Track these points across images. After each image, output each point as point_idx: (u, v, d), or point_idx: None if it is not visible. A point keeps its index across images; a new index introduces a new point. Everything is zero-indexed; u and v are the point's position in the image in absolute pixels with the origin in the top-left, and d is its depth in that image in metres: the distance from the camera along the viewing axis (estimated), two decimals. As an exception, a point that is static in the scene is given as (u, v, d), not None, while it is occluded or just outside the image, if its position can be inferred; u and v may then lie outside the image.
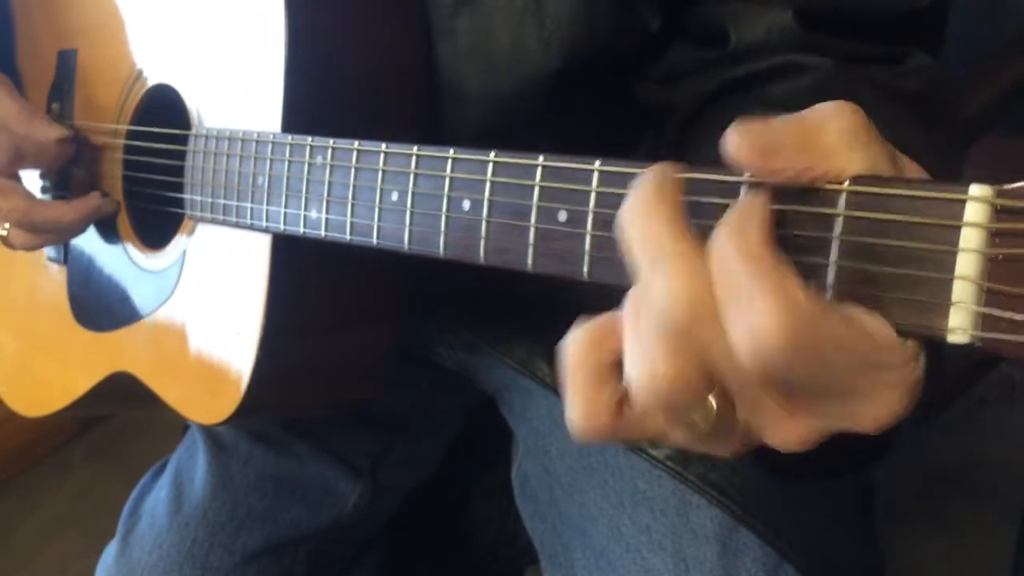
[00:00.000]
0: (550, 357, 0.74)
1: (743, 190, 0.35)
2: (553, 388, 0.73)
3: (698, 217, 0.37)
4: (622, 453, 0.70)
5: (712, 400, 0.35)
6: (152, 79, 0.74)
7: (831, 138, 0.33)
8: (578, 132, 0.67)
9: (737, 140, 0.34)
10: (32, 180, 0.84)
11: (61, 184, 0.83)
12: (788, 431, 0.35)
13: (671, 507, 0.66)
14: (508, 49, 0.61)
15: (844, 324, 0.32)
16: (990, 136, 0.94)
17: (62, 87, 0.84)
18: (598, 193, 0.40)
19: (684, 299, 0.33)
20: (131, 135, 0.76)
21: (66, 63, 0.83)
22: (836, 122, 0.33)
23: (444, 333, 0.82)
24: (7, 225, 0.75)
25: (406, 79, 0.64)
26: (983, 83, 0.95)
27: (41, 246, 0.80)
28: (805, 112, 0.34)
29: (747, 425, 0.36)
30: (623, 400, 0.36)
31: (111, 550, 0.81)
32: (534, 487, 0.77)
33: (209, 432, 0.82)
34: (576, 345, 0.37)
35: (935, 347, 0.33)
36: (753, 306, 0.31)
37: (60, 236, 0.79)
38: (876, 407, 0.33)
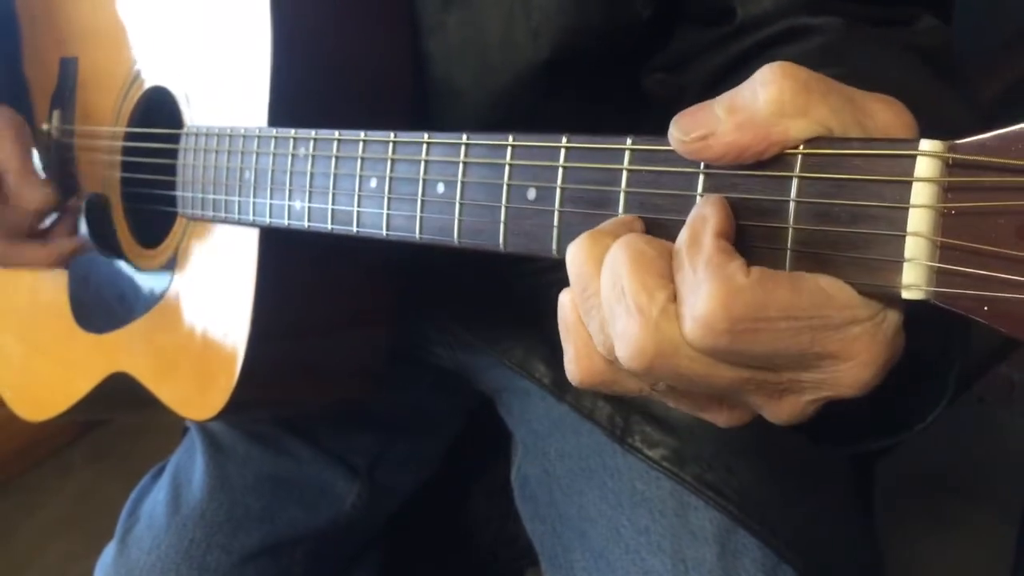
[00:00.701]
0: (548, 358, 0.74)
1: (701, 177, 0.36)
2: (551, 389, 0.73)
3: (661, 188, 0.37)
4: (620, 454, 0.69)
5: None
6: (148, 82, 0.76)
7: (764, 111, 0.33)
8: (573, 123, 0.67)
9: (674, 133, 0.35)
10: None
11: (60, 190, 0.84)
12: (780, 412, 0.36)
13: (669, 508, 0.65)
14: (498, 42, 0.62)
15: (793, 292, 0.32)
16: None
17: (63, 94, 0.85)
18: (565, 169, 0.41)
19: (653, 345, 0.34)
20: (127, 137, 0.77)
21: (67, 70, 0.85)
22: (766, 92, 0.33)
23: (443, 334, 0.82)
24: None
25: (396, 75, 0.65)
26: (983, 80, 0.94)
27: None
28: (739, 87, 0.34)
29: (733, 403, 0.37)
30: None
31: (109, 551, 0.81)
32: (533, 488, 0.77)
33: (207, 433, 0.82)
34: (569, 295, 0.38)
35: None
36: (696, 297, 0.32)
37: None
38: (852, 366, 0.33)
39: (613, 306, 0.35)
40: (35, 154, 0.81)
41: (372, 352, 0.70)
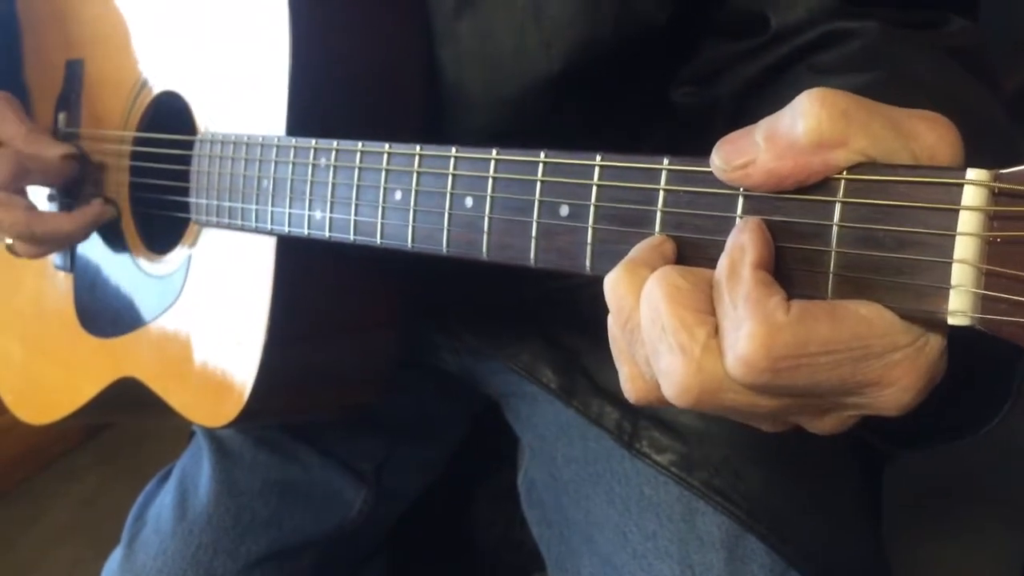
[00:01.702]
0: (555, 363, 0.74)
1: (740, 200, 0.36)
2: (558, 394, 0.73)
3: (699, 209, 0.38)
4: (628, 459, 0.69)
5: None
6: (158, 87, 0.75)
7: (803, 140, 0.33)
8: (584, 132, 0.67)
9: (716, 162, 0.35)
10: (39, 188, 0.85)
11: (67, 192, 0.83)
12: (820, 426, 0.37)
13: (677, 513, 0.65)
14: (510, 52, 0.62)
15: (833, 325, 0.32)
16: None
17: (69, 97, 0.84)
18: (599, 187, 0.41)
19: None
20: (137, 142, 0.77)
21: (73, 73, 0.84)
22: (805, 123, 0.33)
23: (450, 339, 0.82)
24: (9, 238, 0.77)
25: (409, 83, 0.65)
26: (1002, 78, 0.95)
27: (45, 254, 0.81)
28: (779, 114, 0.34)
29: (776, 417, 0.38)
30: None
31: (116, 556, 0.81)
32: (540, 493, 0.77)
33: (214, 438, 0.82)
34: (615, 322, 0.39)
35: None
36: (738, 335, 0.33)
37: (63, 244, 0.81)
38: (894, 391, 0.33)
39: (656, 344, 0.35)
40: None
41: (384, 357, 0.70)
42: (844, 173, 0.33)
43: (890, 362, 0.33)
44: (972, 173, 0.30)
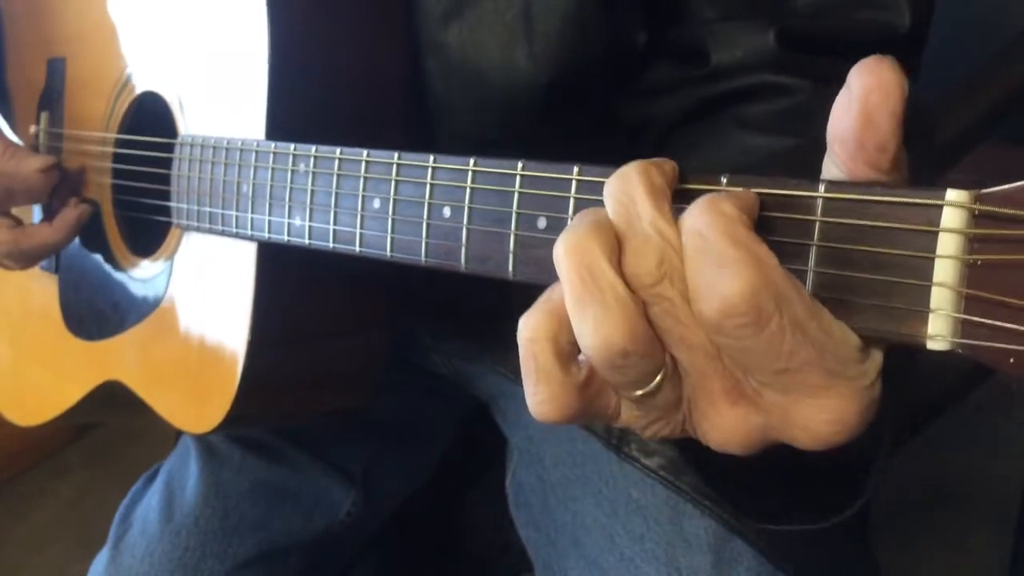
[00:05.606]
0: None
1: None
2: None
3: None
4: (615, 462, 0.69)
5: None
6: (139, 87, 0.74)
7: None
8: (568, 145, 0.66)
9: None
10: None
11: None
12: (725, 422, 0.35)
13: (664, 516, 0.65)
14: (497, 63, 0.61)
15: (808, 312, 0.32)
16: (999, 144, 0.92)
17: (51, 95, 0.83)
18: (577, 200, 0.40)
19: (654, 258, 0.34)
20: (119, 143, 0.76)
21: (55, 71, 0.83)
22: None
23: (438, 341, 0.82)
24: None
25: (392, 89, 0.64)
26: (986, 85, 0.94)
27: (35, 264, 0.80)
28: None
29: (689, 404, 0.36)
30: (588, 378, 0.36)
31: (101, 558, 0.81)
32: (528, 495, 0.77)
33: (201, 439, 0.82)
34: (534, 330, 0.37)
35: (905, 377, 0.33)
36: (725, 271, 0.31)
37: (52, 253, 0.80)
38: (821, 414, 0.33)
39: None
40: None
41: (370, 360, 0.70)
42: (822, 190, 0.32)
43: (831, 384, 0.32)
44: (952, 194, 0.29)
